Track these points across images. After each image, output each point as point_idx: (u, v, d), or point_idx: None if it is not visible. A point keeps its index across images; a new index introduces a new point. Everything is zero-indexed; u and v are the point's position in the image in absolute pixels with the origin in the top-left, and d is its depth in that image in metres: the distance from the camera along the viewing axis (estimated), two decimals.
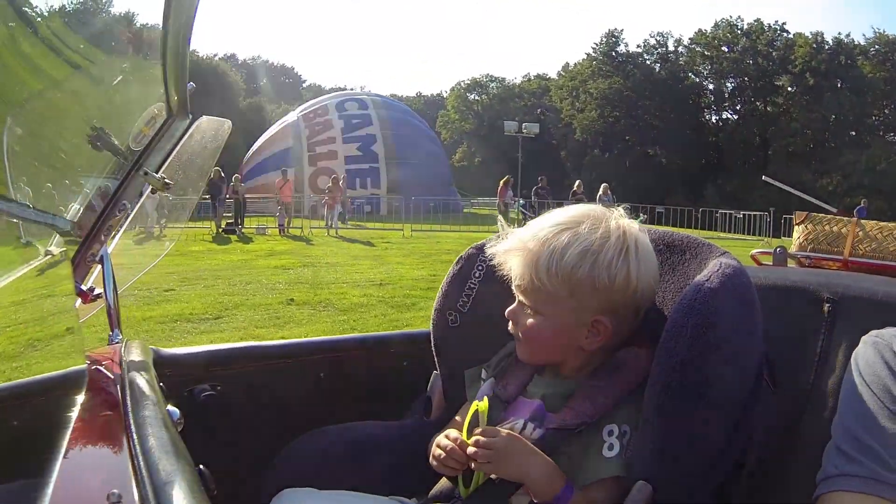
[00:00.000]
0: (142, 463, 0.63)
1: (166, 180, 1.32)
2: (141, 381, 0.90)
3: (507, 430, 0.87)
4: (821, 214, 1.50)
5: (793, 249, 1.59)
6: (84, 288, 1.26)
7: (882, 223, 1.40)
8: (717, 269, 0.86)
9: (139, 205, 1.36)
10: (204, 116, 1.37)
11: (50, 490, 0.58)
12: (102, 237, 1.28)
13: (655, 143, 37.98)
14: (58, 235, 1.19)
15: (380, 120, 23.78)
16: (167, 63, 1.10)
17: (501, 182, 15.97)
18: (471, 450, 0.85)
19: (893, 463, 0.73)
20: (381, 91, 54.84)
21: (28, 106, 1.07)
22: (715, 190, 34.01)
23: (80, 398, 0.81)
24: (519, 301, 0.95)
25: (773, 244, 1.76)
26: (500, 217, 1.05)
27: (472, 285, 1.12)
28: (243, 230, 14.49)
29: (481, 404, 0.89)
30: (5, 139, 0.98)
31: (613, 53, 41.26)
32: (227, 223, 14.67)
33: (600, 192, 14.68)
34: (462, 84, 49.19)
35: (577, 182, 16.08)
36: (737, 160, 37.07)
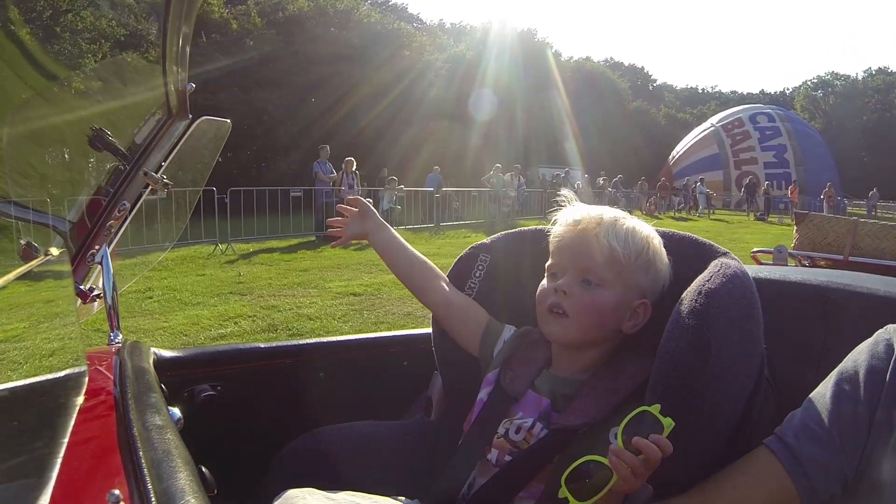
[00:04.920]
0: (142, 463, 0.63)
1: (166, 180, 1.32)
2: (141, 381, 0.90)
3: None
4: (821, 214, 1.51)
5: (793, 249, 1.59)
6: (84, 288, 1.26)
7: (882, 222, 1.40)
8: (718, 270, 0.86)
9: (139, 205, 1.35)
10: (204, 116, 1.36)
11: (50, 490, 0.58)
12: (102, 237, 1.28)
13: None
14: (57, 235, 1.19)
15: (787, 131, 28.53)
16: (167, 63, 1.10)
17: None
18: (633, 457, 0.72)
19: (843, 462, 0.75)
20: (725, 88, 57.19)
21: (28, 107, 1.07)
22: None
23: (80, 399, 0.81)
24: (573, 275, 0.93)
25: None
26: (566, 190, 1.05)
27: (473, 285, 1.12)
28: (768, 218, 20.59)
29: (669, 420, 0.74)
30: (5, 140, 0.98)
31: None
32: (759, 214, 21.13)
33: None
34: (808, 83, 49.45)
35: None
36: None
